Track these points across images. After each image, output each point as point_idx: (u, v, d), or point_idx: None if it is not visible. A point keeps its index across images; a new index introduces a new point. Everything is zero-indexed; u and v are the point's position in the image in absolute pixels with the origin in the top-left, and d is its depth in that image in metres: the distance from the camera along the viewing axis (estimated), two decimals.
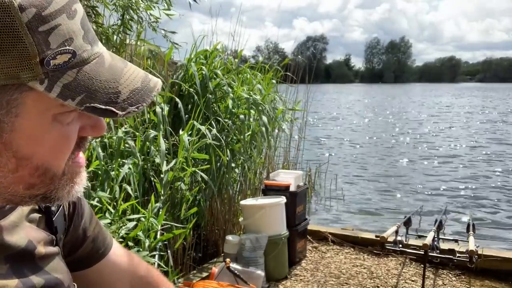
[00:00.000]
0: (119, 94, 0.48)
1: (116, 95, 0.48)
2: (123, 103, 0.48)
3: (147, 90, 0.51)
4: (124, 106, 0.48)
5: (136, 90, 0.50)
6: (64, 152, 0.52)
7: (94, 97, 0.46)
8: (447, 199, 6.68)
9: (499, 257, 3.40)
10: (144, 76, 0.53)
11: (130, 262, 0.82)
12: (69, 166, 0.54)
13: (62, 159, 0.52)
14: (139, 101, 0.50)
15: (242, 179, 4.16)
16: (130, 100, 0.49)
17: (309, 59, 6.38)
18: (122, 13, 3.00)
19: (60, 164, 0.52)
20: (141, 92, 0.50)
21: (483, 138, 13.58)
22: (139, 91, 0.50)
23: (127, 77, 0.50)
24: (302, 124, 5.58)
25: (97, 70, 0.48)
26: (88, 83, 0.47)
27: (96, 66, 0.48)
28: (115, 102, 0.48)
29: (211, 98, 3.57)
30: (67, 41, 0.46)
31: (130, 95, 0.49)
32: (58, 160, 0.51)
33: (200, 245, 3.67)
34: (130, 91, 0.49)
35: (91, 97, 0.46)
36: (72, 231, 0.70)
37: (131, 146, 2.65)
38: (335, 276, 3.35)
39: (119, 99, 0.48)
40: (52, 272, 0.59)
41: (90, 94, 0.46)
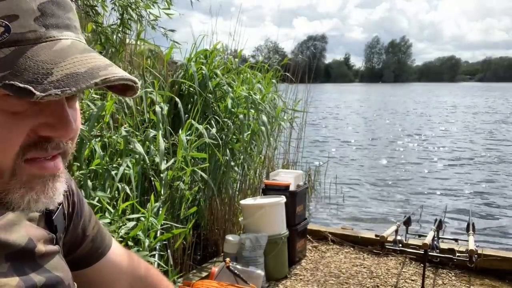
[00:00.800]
0: (49, 75, 0.43)
1: (45, 76, 0.43)
2: (48, 85, 0.43)
3: (88, 77, 0.44)
4: (47, 87, 0.42)
5: (73, 74, 0.44)
6: (3, 145, 0.46)
7: (18, 75, 0.42)
8: (447, 199, 6.69)
9: (498, 256, 3.41)
10: (98, 65, 0.46)
11: (130, 261, 0.82)
12: (22, 167, 0.48)
13: (4, 154, 0.47)
14: (69, 85, 0.43)
15: (242, 178, 4.16)
16: (59, 82, 0.43)
17: (309, 58, 6.38)
18: (121, 13, 2.99)
19: (2, 159, 0.47)
20: (78, 77, 0.44)
21: (484, 138, 13.59)
22: (76, 75, 0.44)
23: (73, 61, 0.45)
24: (302, 124, 5.58)
25: (40, 51, 0.45)
26: (20, 62, 0.43)
27: (41, 48, 0.45)
28: (39, 82, 0.43)
29: (210, 97, 3.57)
30: (9, 17, 0.44)
31: (61, 78, 0.43)
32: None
33: (200, 244, 3.67)
34: (65, 74, 0.44)
35: (15, 74, 0.42)
36: (72, 230, 0.70)
37: (134, 145, 2.64)
38: (335, 275, 3.35)
39: (46, 80, 0.43)
40: (53, 270, 0.59)
41: (15, 72, 0.43)
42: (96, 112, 2.46)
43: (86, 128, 2.38)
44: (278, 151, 4.97)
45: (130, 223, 2.32)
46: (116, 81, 0.46)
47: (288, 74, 5.11)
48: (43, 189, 0.50)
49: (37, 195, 0.50)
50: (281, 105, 4.56)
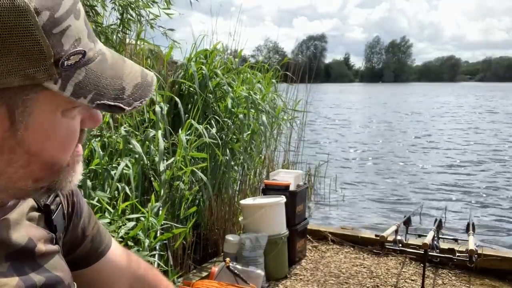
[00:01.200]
0: (124, 90, 0.51)
1: (122, 92, 0.51)
2: (129, 99, 0.51)
3: (147, 85, 0.54)
4: (130, 101, 0.51)
5: (137, 85, 0.53)
6: (71, 145, 0.54)
7: (103, 94, 0.49)
8: (447, 199, 6.69)
9: (498, 256, 3.41)
10: (141, 71, 0.55)
11: (129, 261, 0.82)
12: (73, 157, 0.56)
13: (69, 152, 0.54)
14: (141, 96, 0.53)
15: (242, 178, 4.16)
16: (134, 95, 0.52)
17: (309, 58, 6.40)
18: (121, 12, 2.99)
19: (67, 157, 0.54)
20: (142, 87, 0.53)
21: (485, 138, 13.58)
22: (140, 86, 0.53)
23: (128, 73, 0.53)
24: (302, 124, 5.58)
25: (101, 67, 0.50)
26: (96, 81, 0.49)
27: (100, 63, 0.50)
28: (122, 98, 0.51)
29: (210, 97, 3.57)
30: (77, 41, 0.48)
31: (133, 91, 0.52)
32: (65, 154, 0.54)
33: (200, 244, 3.67)
34: (133, 86, 0.52)
35: (101, 94, 0.49)
36: (71, 230, 0.70)
37: (134, 145, 2.64)
38: (335, 275, 3.35)
39: (125, 95, 0.51)
40: (53, 270, 0.59)
41: (99, 92, 0.49)
42: None
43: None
44: (278, 151, 4.97)
45: (130, 223, 2.32)
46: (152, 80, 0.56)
47: (289, 74, 5.11)
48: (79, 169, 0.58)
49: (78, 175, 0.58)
50: (281, 105, 4.56)
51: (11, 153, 0.49)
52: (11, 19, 0.42)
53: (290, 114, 4.96)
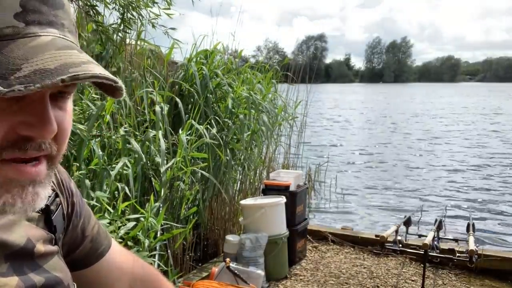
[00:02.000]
0: (17, 71, 0.42)
1: (13, 72, 0.42)
2: (14, 80, 0.41)
3: (56, 73, 0.42)
4: (13, 83, 0.41)
5: (41, 70, 0.42)
6: None
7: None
8: (447, 199, 6.68)
9: (499, 256, 3.40)
10: (71, 62, 0.44)
11: (129, 261, 0.82)
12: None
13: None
14: (34, 81, 0.41)
15: (242, 178, 4.16)
16: (25, 78, 0.41)
17: (309, 58, 6.39)
18: (122, 12, 3.00)
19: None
20: (46, 73, 0.42)
21: (485, 138, 13.58)
22: (44, 71, 0.42)
23: (45, 57, 0.43)
24: (302, 124, 5.58)
25: (14, 47, 0.43)
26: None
27: (18, 43, 0.44)
28: (5, 78, 0.41)
29: (211, 97, 3.57)
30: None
31: (29, 74, 0.42)
32: None
33: (200, 245, 3.67)
34: (34, 70, 0.42)
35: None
36: (71, 231, 0.70)
37: (133, 145, 2.64)
38: (335, 275, 3.35)
39: (13, 75, 0.41)
40: (52, 271, 0.59)
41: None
42: (95, 112, 2.46)
43: (86, 128, 2.38)
44: (278, 151, 4.97)
45: (130, 223, 2.32)
46: (86, 79, 0.44)
47: (289, 74, 5.11)
48: (20, 194, 0.47)
49: (13, 199, 0.47)
50: (281, 106, 4.56)
51: None
52: None
53: (290, 115, 4.96)
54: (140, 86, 3.11)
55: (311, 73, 5.67)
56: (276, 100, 4.60)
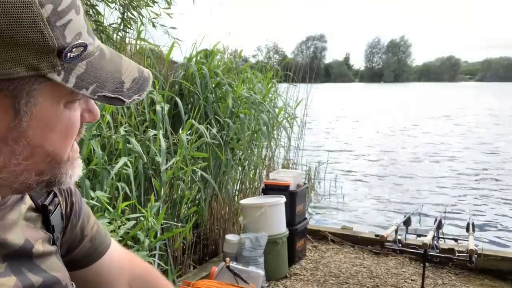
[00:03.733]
0: (123, 83, 0.53)
1: (121, 85, 0.53)
2: (128, 92, 0.53)
3: (144, 80, 0.56)
4: (129, 94, 0.53)
5: (135, 79, 0.55)
6: (71, 138, 0.55)
7: (103, 86, 0.51)
8: (447, 199, 6.68)
9: (498, 256, 3.41)
10: (137, 67, 0.57)
11: (129, 261, 0.82)
12: (72, 151, 0.56)
13: (69, 145, 0.55)
14: (140, 89, 0.55)
15: (242, 178, 4.16)
16: (132, 89, 0.54)
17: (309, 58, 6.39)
18: (122, 11, 3.00)
19: (67, 149, 0.55)
20: (140, 81, 0.55)
21: (486, 138, 13.57)
22: (138, 80, 0.55)
23: (126, 68, 0.55)
24: (302, 124, 5.58)
25: (101, 62, 0.52)
26: (97, 74, 0.51)
27: (99, 58, 0.52)
28: (121, 91, 0.53)
29: (211, 97, 3.57)
30: (78, 35, 0.49)
31: (131, 85, 0.54)
32: (66, 146, 0.54)
33: (200, 244, 3.67)
34: (131, 80, 0.54)
35: (101, 86, 0.51)
36: (70, 230, 0.70)
37: (133, 145, 2.64)
38: (334, 275, 3.35)
39: (124, 88, 0.53)
40: (50, 271, 0.59)
41: (100, 84, 0.50)
42: None
43: (85, 127, 2.38)
44: (278, 151, 4.97)
45: (130, 222, 2.32)
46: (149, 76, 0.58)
47: (290, 73, 5.11)
48: (79, 165, 0.58)
49: (77, 170, 0.58)
50: (282, 105, 4.56)
51: (15, 144, 0.49)
52: (16, 11, 0.44)
53: (290, 114, 4.96)
54: None
55: (311, 73, 5.67)
56: (276, 100, 4.60)
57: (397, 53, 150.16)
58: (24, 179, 0.52)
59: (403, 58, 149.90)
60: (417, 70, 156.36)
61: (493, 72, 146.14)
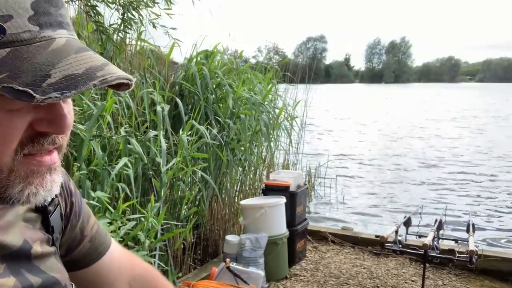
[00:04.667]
0: (47, 77, 0.43)
1: (43, 79, 0.43)
2: (48, 87, 0.43)
3: (87, 78, 0.44)
4: (47, 90, 0.42)
5: (72, 76, 0.44)
6: (3, 142, 0.46)
7: (16, 77, 0.42)
8: (447, 199, 6.68)
9: (499, 257, 3.41)
10: (95, 65, 0.46)
11: (129, 261, 0.82)
12: (20, 163, 0.49)
13: (3, 151, 0.47)
14: (68, 87, 0.43)
15: (242, 179, 4.16)
16: (58, 85, 0.43)
17: (309, 59, 6.40)
18: (122, 12, 3.00)
19: (2, 156, 0.47)
20: (77, 79, 0.44)
21: (487, 138, 13.57)
22: (75, 77, 0.44)
23: (69, 62, 0.45)
24: (302, 124, 5.58)
25: (36, 52, 0.44)
26: (17, 64, 0.43)
27: (37, 48, 0.44)
28: (38, 85, 0.42)
29: (211, 98, 3.57)
30: (2, 17, 0.43)
31: (60, 80, 0.43)
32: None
33: (200, 245, 3.67)
34: (64, 76, 0.44)
35: (13, 77, 0.42)
36: (69, 231, 0.70)
37: (134, 145, 2.64)
38: (335, 276, 3.35)
39: (45, 82, 0.43)
40: (49, 272, 0.59)
41: (14, 75, 0.42)
42: (96, 112, 2.46)
43: (86, 128, 2.38)
44: (278, 152, 4.97)
45: (131, 223, 2.32)
46: (114, 81, 0.46)
47: (288, 74, 5.12)
48: (42, 182, 0.51)
49: (36, 188, 0.50)
50: (281, 106, 4.56)
51: None
52: None
53: (290, 115, 4.96)
54: (140, 86, 3.12)
55: (310, 73, 5.68)
56: (276, 101, 4.60)
57: (397, 54, 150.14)
58: None
59: (403, 59, 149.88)
60: (417, 70, 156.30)
61: (493, 72, 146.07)
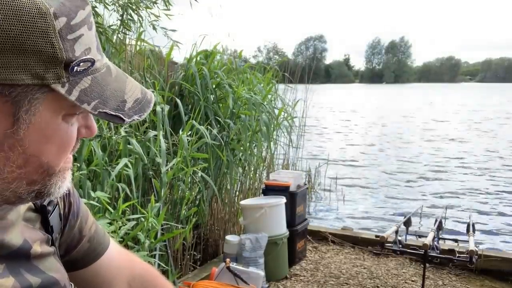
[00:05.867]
0: (125, 102, 0.54)
1: (123, 104, 0.53)
2: (129, 111, 0.53)
3: (146, 101, 0.57)
4: (130, 114, 0.53)
5: (137, 100, 0.55)
6: (67, 151, 0.54)
7: (106, 103, 0.51)
8: (447, 199, 6.68)
9: (499, 257, 3.41)
10: (141, 88, 0.58)
11: (128, 261, 0.82)
12: (64, 164, 0.56)
13: (63, 158, 0.55)
14: (141, 110, 0.55)
15: (243, 179, 4.16)
16: (134, 109, 0.54)
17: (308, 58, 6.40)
18: (121, 13, 3.00)
19: (61, 162, 0.55)
20: (142, 102, 0.56)
21: (487, 138, 13.57)
22: (140, 101, 0.56)
23: (129, 88, 0.56)
24: (302, 124, 5.58)
25: (106, 79, 0.53)
26: (100, 90, 0.51)
27: (105, 75, 0.53)
28: (123, 109, 0.53)
29: (211, 98, 3.57)
30: (87, 50, 0.50)
31: (133, 105, 0.54)
32: (60, 158, 0.54)
33: (200, 245, 3.67)
34: (134, 100, 0.55)
35: (104, 103, 0.51)
36: (68, 231, 0.70)
37: (134, 146, 2.64)
38: (335, 276, 3.35)
39: (126, 107, 0.53)
40: (48, 272, 0.59)
41: (103, 101, 0.51)
42: None
43: None
44: (278, 152, 4.97)
45: (131, 223, 2.32)
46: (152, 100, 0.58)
47: (286, 75, 5.12)
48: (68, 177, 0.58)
49: (67, 182, 0.58)
50: (281, 106, 4.56)
51: (10, 151, 0.49)
52: (30, 19, 0.44)
53: (289, 115, 4.96)
54: None
55: (309, 73, 5.68)
56: (276, 101, 4.60)
57: (397, 54, 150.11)
58: (15, 187, 0.52)
59: (403, 59, 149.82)
60: (417, 70, 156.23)
61: (493, 72, 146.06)
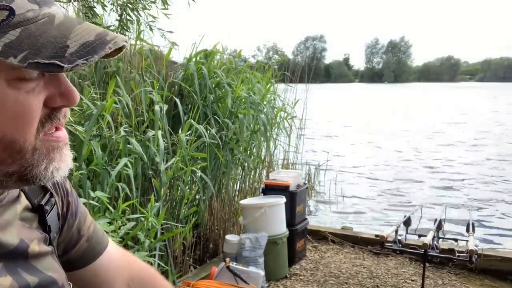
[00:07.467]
0: (67, 48, 0.46)
1: (64, 49, 0.46)
2: (71, 56, 0.46)
3: (101, 43, 0.48)
4: (72, 59, 0.46)
5: (87, 43, 0.47)
6: (27, 123, 0.48)
7: (38, 53, 0.45)
8: (447, 199, 6.68)
9: (498, 256, 3.41)
10: (100, 31, 0.50)
11: (127, 261, 0.82)
12: (42, 141, 0.51)
13: (27, 131, 0.49)
14: (89, 53, 0.47)
15: (242, 178, 4.16)
16: (79, 53, 0.46)
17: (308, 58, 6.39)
18: (120, 14, 3.00)
19: (26, 137, 0.49)
20: (93, 45, 0.48)
21: (487, 138, 13.57)
22: (90, 44, 0.47)
23: (78, 32, 0.48)
24: (301, 124, 5.58)
25: (45, 28, 0.47)
26: (33, 41, 0.45)
27: (44, 25, 0.47)
28: (62, 56, 0.46)
29: (210, 97, 3.57)
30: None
31: (79, 49, 0.47)
32: (22, 132, 0.49)
33: (200, 245, 3.67)
34: (80, 44, 0.47)
35: (35, 53, 0.44)
36: (66, 230, 0.70)
37: (134, 145, 2.64)
38: (334, 275, 3.35)
39: (67, 53, 0.46)
40: (46, 271, 0.59)
41: (35, 51, 0.45)
42: (96, 112, 2.46)
43: (86, 128, 2.38)
44: (278, 151, 4.97)
45: (131, 223, 2.32)
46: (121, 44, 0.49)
47: (287, 74, 5.12)
48: (61, 157, 0.53)
49: (58, 164, 0.53)
50: (280, 105, 4.56)
51: None
52: None
53: (289, 114, 4.96)
54: (139, 86, 3.12)
55: (309, 73, 5.68)
56: (275, 100, 4.60)
57: (397, 54, 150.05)
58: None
59: (403, 59, 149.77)
60: (417, 70, 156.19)
61: (492, 72, 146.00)
